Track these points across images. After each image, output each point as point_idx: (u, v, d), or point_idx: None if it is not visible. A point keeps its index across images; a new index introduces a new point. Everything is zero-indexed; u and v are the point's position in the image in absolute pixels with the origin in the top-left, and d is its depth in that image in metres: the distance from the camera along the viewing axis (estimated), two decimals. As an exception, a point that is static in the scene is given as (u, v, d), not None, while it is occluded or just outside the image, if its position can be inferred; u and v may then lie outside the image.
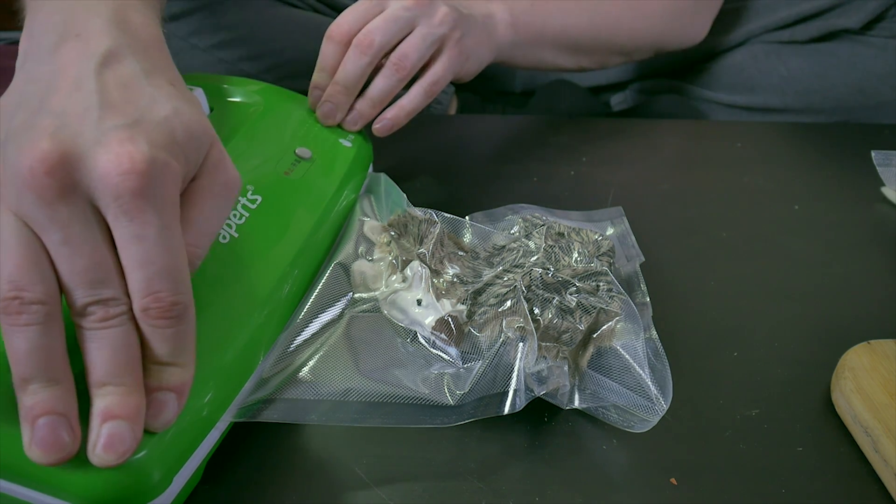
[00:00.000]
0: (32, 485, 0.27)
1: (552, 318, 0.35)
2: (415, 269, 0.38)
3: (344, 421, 0.33)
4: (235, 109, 0.46)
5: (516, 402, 0.32)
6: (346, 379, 0.34)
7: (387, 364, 0.35)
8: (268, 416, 0.32)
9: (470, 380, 0.33)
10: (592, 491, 0.32)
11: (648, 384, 0.33)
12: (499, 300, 0.36)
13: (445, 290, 0.37)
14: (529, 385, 0.33)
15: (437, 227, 0.40)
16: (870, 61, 0.67)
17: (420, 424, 0.32)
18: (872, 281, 0.45)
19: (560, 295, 0.36)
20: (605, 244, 0.40)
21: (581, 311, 0.35)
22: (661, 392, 0.33)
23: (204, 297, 0.33)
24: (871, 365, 0.35)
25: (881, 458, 0.32)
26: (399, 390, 0.33)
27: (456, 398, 0.33)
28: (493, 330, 0.35)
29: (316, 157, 0.43)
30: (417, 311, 0.36)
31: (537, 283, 0.36)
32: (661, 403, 0.33)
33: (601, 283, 0.37)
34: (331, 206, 0.41)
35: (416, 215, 0.41)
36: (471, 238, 0.42)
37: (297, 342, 0.35)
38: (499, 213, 0.46)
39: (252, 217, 0.37)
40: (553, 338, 0.34)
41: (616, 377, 0.34)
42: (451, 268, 0.38)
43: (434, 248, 0.39)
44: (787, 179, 0.56)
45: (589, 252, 0.39)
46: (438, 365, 0.35)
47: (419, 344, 0.36)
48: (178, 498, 0.29)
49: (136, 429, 0.25)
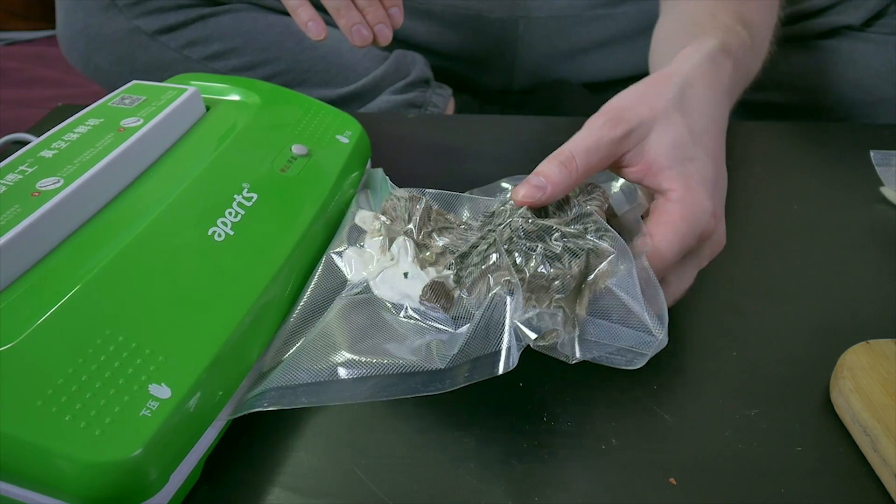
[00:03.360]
0: (29, 485, 0.27)
1: (537, 265, 0.33)
2: (399, 244, 0.37)
3: (336, 400, 0.32)
4: (231, 108, 0.46)
5: (510, 359, 0.31)
6: (336, 359, 0.32)
7: (378, 341, 0.34)
8: (259, 405, 0.32)
9: (460, 340, 0.32)
10: (591, 491, 0.32)
11: (644, 316, 0.32)
12: (482, 258, 0.35)
13: (434, 262, 0.36)
14: (521, 336, 0.31)
15: (421, 203, 0.39)
16: (870, 58, 0.67)
17: (413, 394, 0.31)
18: (871, 280, 0.45)
19: (544, 242, 0.34)
20: (594, 190, 0.39)
21: (569, 256, 0.33)
22: (659, 321, 0.32)
23: (200, 295, 0.33)
24: (870, 365, 0.35)
25: (880, 458, 0.31)
26: (389, 361, 0.32)
27: (446, 361, 0.31)
28: (481, 289, 0.34)
29: (312, 153, 0.43)
30: (404, 283, 0.36)
31: (518, 234, 0.34)
32: (661, 333, 0.32)
33: (588, 224, 0.35)
34: (328, 203, 0.41)
35: (401, 195, 0.40)
36: (468, 214, 0.41)
37: (292, 336, 0.35)
38: (493, 186, 0.45)
39: (248, 215, 0.37)
40: (543, 287, 0.33)
41: (615, 318, 0.33)
42: (441, 239, 0.38)
43: (421, 222, 0.38)
44: (785, 179, 0.56)
45: (578, 201, 0.37)
46: (431, 334, 0.34)
47: (411, 317, 0.35)
48: (176, 497, 0.29)
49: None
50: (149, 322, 0.31)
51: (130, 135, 0.38)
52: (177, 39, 0.70)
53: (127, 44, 0.70)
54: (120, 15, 0.69)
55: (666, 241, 0.35)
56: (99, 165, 0.36)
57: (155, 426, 0.27)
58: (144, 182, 0.38)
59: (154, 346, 0.30)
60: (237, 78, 0.49)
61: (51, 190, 0.34)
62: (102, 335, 0.29)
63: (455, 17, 0.75)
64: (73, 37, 0.71)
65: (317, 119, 0.47)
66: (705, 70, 0.41)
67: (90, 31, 0.70)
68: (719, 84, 0.42)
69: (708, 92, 0.40)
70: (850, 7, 0.68)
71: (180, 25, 0.69)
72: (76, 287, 0.30)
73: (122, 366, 0.29)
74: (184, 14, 0.69)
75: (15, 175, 0.35)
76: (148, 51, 0.70)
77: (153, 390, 0.28)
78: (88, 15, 0.69)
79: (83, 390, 0.27)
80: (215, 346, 0.31)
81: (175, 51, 0.70)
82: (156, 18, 0.69)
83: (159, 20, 0.69)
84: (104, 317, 0.30)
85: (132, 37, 0.70)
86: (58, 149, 0.37)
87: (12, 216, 0.32)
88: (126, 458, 0.26)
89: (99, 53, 0.71)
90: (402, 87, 0.73)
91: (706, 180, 0.37)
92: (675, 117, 0.38)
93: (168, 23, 0.69)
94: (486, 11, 0.75)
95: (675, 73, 0.40)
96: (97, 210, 0.35)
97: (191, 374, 0.29)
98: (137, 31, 0.69)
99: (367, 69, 0.73)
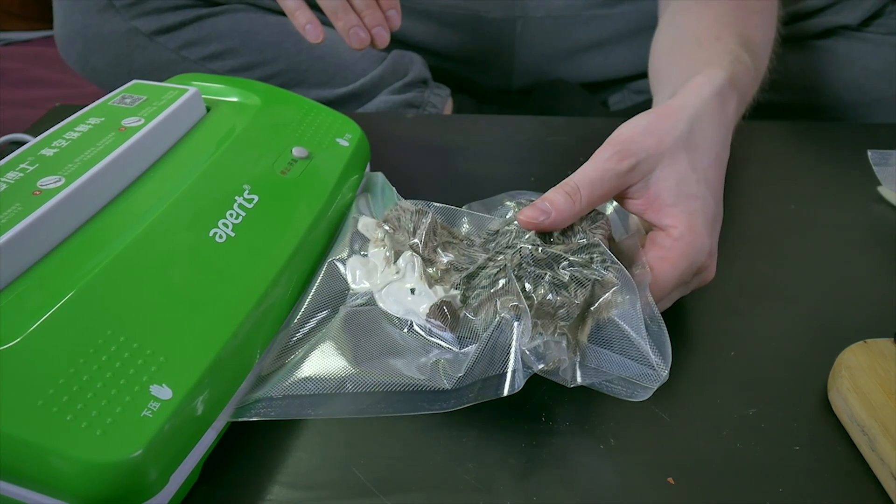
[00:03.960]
0: (30, 485, 0.27)
1: (545, 293, 0.34)
2: (406, 259, 0.37)
3: (341, 413, 0.32)
4: (232, 109, 0.46)
5: (515, 382, 0.31)
6: (341, 371, 0.33)
7: (383, 355, 0.34)
8: (265, 413, 0.32)
9: (466, 362, 0.32)
10: (590, 491, 0.32)
11: (648, 351, 0.32)
12: (491, 281, 0.35)
13: (440, 278, 0.37)
14: (527, 363, 0.32)
15: (428, 217, 0.40)
16: (867, 58, 0.68)
17: (418, 412, 0.32)
18: (869, 280, 0.45)
19: (552, 270, 0.35)
20: (598, 217, 0.39)
21: (575, 285, 0.34)
22: (661, 357, 0.32)
23: (201, 296, 0.33)
24: (868, 364, 0.35)
25: (878, 457, 0.32)
26: (395, 379, 0.32)
27: (453, 382, 0.32)
28: (488, 312, 0.34)
29: (313, 156, 0.43)
30: (411, 299, 0.36)
31: (528, 260, 0.35)
32: (663, 369, 0.32)
33: (594, 255, 0.36)
34: (328, 206, 0.41)
35: (408, 207, 0.41)
36: (469, 227, 0.42)
37: (294, 340, 0.35)
38: (495, 200, 0.45)
39: (249, 217, 0.37)
40: (549, 314, 0.34)
41: (617, 348, 0.33)
42: (445, 256, 0.38)
43: (426, 237, 0.38)
44: (783, 179, 0.56)
45: (583, 227, 0.38)
46: (436, 352, 0.34)
47: (415, 333, 0.36)
48: (176, 498, 0.29)
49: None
50: (150, 322, 0.31)
51: (132, 134, 0.38)
52: (174, 40, 0.70)
53: (124, 44, 0.70)
54: (117, 16, 0.69)
55: (665, 276, 0.36)
56: (100, 165, 0.36)
57: (156, 427, 0.27)
58: (145, 182, 0.38)
59: (155, 347, 0.30)
60: (237, 79, 0.49)
61: (52, 189, 0.34)
62: (104, 335, 0.29)
63: (453, 17, 0.75)
64: (70, 38, 0.71)
65: (317, 121, 0.47)
66: (714, 106, 0.41)
67: (87, 32, 0.70)
68: (725, 118, 0.42)
69: (715, 128, 0.40)
70: (846, 7, 0.68)
71: (178, 26, 0.69)
72: (77, 286, 0.31)
73: (124, 366, 0.29)
74: (181, 15, 0.69)
75: (16, 173, 0.35)
76: (146, 51, 0.70)
77: (154, 391, 0.28)
78: (86, 16, 0.69)
79: (84, 390, 0.27)
80: (216, 347, 0.31)
81: (173, 51, 0.70)
82: (153, 19, 0.69)
83: (157, 21, 0.69)
84: (105, 317, 0.30)
85: (130, 37, 0.69)
86: (59, 147, 0.37)
87: (13, 214, 0.32)
88: (127, 459, 0.26)
89: (96, 54, 0.71)
90: (400, 88, 0.73)
91: (707, 218, 0.38)
92: (681, 154, 0.38)
93: (166, 23, 0.69)
94: (484, 12, 0.75)
95: (684, 106, 0.40)
96: (98, 209, 0.36)
97: (192, 375, 0.29)
98: (135, 32, 0.69)
99: (364, 69, 0.73)
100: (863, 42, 0.68)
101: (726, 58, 0.45)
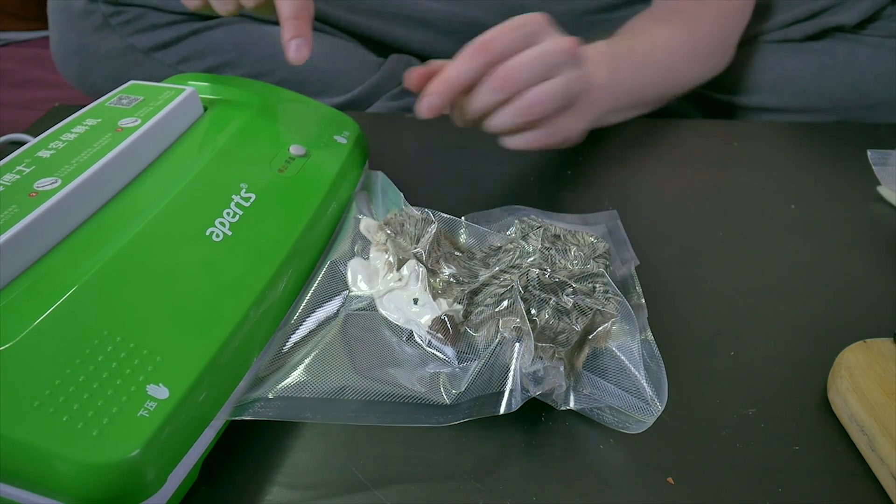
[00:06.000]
0: (27, 486, 0.27)
1: (548, 318, 0.34)
2: (411, 268, 0.38)
3: (339, 419, 0.32)
4: (229, 108, 0.46)
5: (512, 402, 0.32)
6: (341, 377, 0.33)
7: (383, 363, 0.35)
8: (263, 413, 0.32)
9: (466, 379, 0.33)
10: (589, 490, 0.32)
11: (644, 385, 0.33)
12: (496, 300, 0.36)
13: (442, 290, 0.37)
14: (525, 385, 0.33)
15: (433, 227, 0.40)
16: (866, 61, 0.68)
17: (416, 423, 0.32)
18: (868, 280, 0.45)
19: (557, 296, 0.35)
20: (600, 246, 0.40)
21: (577, 313, 0.35)
22: (656, 393, 0.33)
23: (198, 296, 0.33)
24: (868, 364, 0.35)
25: (878, 457, 0.32)
26: (395, 389, 0.33)
27: (452, 397, 0.32)
28: (490, 330, 0.35)
29: (310, 154, 0.43)
30: (414, 309, 0.36)
31: (534, 284, 0.36)
32: (657, 405, 0.33)
33: (597, 284, 0.37)
34: (326, 204, 0.41)
35: (414, 214, 0.41)
36: (467, 238, 0.42)
37: (292, 340, 0.35)
38: (495, 214, 0.45)
39: (246, 215, 0.37)
40: (549, 338, 0.34)
41: (611, 378, 0.34)
42: (448, 267, 0.38)
43: (431, 247, 0.39)
44: (783, 179, 0.56)
45: (585, 254, 0.39)
46: (434, 364, 0.35)
47: (415, 343, 0.36)
48: (174, 498, 0.29)
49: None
50: (147, 322, 0.31)
51: (128, 135, 0.38)
52: (171, 55, 0.70)
53: (122, 62, 0.70)
54: (113, 34, 0.69)
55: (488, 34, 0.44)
56: (97, 165, 0.36)
57: (153, 427, 0.27)
58: (142, 182, 0.38)
59: (152, 347, 0.30)
60: (234, 78, 0.49)
61: (48, 190, 0.34)
62: (100, 335, 0.29)
63: (451, 25, 0.75)
64: (67, 57, 0.71)
65: (314, 119, 0.47)
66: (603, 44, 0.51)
67: (84, 52, 0.70)
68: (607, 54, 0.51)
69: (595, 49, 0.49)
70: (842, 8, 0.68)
71: (174, 41, 0.70)
72: (74, 287, 0.30)
73: (120, 366, 0.29)
74: (177, 30, 0.69)
75: (12, 175, 0.35)
76: (143, 68, 0.70)
77: (151, 391, 0.28)
78: (81, 35, 0.69)
79: (81, 391, 0.27)
80: (213, 346, 0.31)
81: (170, 67, 0.70)
82: (149, 36, 0.69)
83: (153, 37, 0.69)
84: (102, 317, 0.30)
85: (127, 55, 0.70)
86: (55, 149, 0.37)
87: (9, 216, 0.32)
88: (124, 459, 0.26)
89: (95, 72, 0.71)
90: (397, 93, 0.73)
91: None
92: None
93: (162, 39, 0.69)
94: (483, 19, 0.75)
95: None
96: (95, 210, 0.35)
97: (189, 375, 0.29)
98: (132, 49, 0.69)
99: (362, 77, 0.73)
100: (861, 45, 0.68)
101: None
